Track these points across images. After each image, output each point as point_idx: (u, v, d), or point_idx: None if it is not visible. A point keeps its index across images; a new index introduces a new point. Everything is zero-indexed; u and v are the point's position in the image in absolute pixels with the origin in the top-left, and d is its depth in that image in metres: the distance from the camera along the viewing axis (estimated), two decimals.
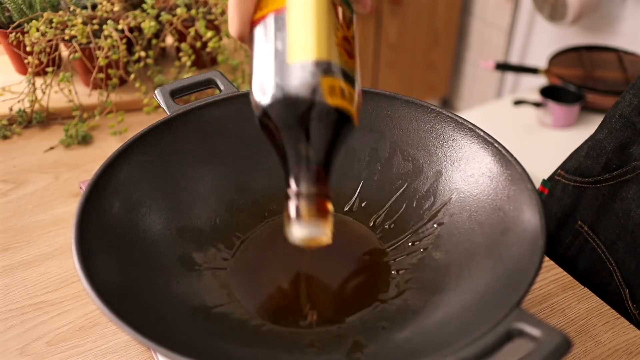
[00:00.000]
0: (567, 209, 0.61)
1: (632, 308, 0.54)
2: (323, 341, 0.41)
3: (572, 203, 0.60)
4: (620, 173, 0.54)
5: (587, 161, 0.58)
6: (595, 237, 0.57)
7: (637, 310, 0.53)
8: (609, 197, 0.55)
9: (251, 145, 0.51)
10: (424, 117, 0.48)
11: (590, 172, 0.58)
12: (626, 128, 0.54)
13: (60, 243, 0.56)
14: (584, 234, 0.59)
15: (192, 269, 0.45)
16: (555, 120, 1.39)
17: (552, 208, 0.63)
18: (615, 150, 0.55)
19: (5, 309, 0.50)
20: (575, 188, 0.60)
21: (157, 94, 0.49)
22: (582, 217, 0.59)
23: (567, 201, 0.61)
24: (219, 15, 0.77)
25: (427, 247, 0.46)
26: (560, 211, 0.62)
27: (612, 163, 0.55)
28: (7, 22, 0.75)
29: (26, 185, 0.64)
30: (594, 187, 0.57)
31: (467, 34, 2.10)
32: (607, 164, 0.56)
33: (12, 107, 0.72)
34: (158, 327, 0.37)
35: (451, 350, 0.31)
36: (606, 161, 0.56)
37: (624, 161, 0.54)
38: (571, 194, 0.60)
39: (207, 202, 0.49)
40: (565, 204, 0.61)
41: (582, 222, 0.59)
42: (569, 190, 0.61)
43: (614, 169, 0.55)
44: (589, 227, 0.58)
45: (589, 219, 0.58)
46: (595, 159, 0.57)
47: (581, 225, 0.59)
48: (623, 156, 0.54)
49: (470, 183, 0.45)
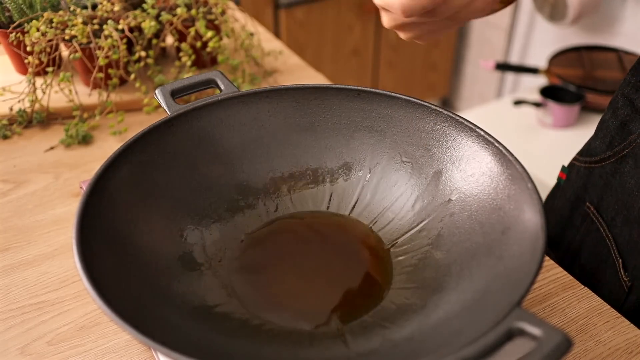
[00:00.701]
0: (578, 192, 0.63)
1: (623, 276, 0.55)
2: (323, 340, 0.41)
3: (583, 185, 0.62)
4: (620, 149, 0.56)
5: (595, 142, 0.60)
6: (599, 217, 0.59)
7: (627, 277, 0.55)
8: (611, 175, 0.57)
9: (251, 145, 0.51)
10: (424, 117, 0.48)
11: (597, 151, 0.60)
12: (626, 106, 0.56)
13: (60, 243, 0.56)
14: (590, 215, 0.61)
15: (193, 269, 0.45)
16: (555, 120, 1.39)
17: (567, 193, 0.65)
18: (617, 128, 0.56)
19: (5, 309, 0.50)
20: (586, 169, 0.62)
21: (158, 93, 0.49)
22: (590, 198, 0.61)
23: (579, 183, 0.63)
24: (219, 15, 0.77)
25: (427, 246, 0.46)
26: (573, 195, 0.64)
27: (615, 141, 0.57)
28: (7, 22, 0.75)
29: (26, 185, 0.64)
30: (600, 167, 0.59)
31: (467, 34, 2.10)
32: (611, 142, 0.57)
33: (13, 107, 0.72)
34: (159, 327, 0.37)
35: (452, 349, 0.31)
36: (610, 140, 0.58)
37: (624, 138, 0.56)
38: (582, 175, 0.62)
39: (207, 201, 0.49)
40: (578, 187, 0.63)
41: (589, 204, 0.61)
42: (581, 172, 0.62)
43: (615, 146, 0.57)
44: (595, 207, 0.60)
45: (595, 200, 0.60)
46: (602, 139, 0.59)
47: (589, 207, 0.61)
48: (623, 133, 0.56)
49: (470, 182, 0.45)
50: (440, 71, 2.15)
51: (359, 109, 0.51)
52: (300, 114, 0.51)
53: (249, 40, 0.83)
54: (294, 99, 0.51)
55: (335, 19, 1.81)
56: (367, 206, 0.50)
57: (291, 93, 0.51)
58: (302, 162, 0.52)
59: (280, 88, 0.50)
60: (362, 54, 1.94)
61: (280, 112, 0.51)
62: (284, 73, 0.87)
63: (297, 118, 0.51)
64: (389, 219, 0.49)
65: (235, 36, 0.82)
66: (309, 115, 0.51)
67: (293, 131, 0.52)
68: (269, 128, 0.51)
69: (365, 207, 0.50)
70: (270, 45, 0.93)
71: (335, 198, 0.51)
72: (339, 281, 0.46)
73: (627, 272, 0.55)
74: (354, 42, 1.90)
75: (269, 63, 0.89)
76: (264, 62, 0.88)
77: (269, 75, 0.85)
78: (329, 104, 0.51)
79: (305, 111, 0.51)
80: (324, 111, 0.51)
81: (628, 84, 0.56)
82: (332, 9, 1.78)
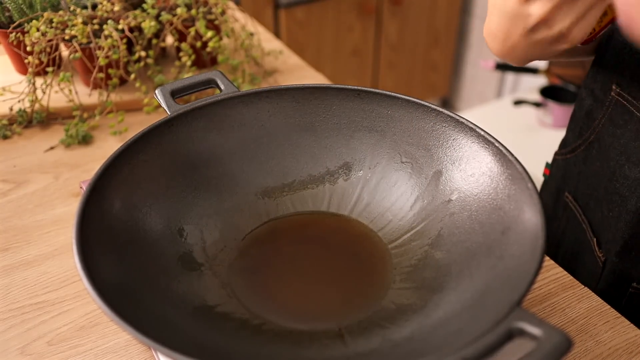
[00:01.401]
0: (558, 184, 0.67)
1: (598, 253, 0.59)
2: (323, 340, 0.41)
3: (562, 176, 0.66)
4: (587, 136, 0.59)
5: (568, 134, 0.64)
6: (576, 204, 0.63)
7: (601, 253, 0.58)
8: (582, 162, 0.61)
9: (251, 145, 0.51)
10: (424, 117, 0.48)
11: (570, 142, 0.63)
12: (589, 97, 0.59)
13: (60, 243, 0.56)
14: (569, 205, 0.64)
15: (193, 269, 0.45)
16: (555, 120, 1.39)
17: (550, 187, 0.69)
18: (583, 117, 0.60)
19: (5, 309, 0.50)
20: (563, 161, 0.65)
21: (158, 93, 0.49)
22: (568, 188, 0.64)
23: (559, 175, 0.66)
24: (219, 15, 0.77)
25: (427, 246, 0.46)
26: (555, 188, 0.68)
27: (583, 130, 0.60)
28: (7, 22, 0.75)
29: (26, 185, 0.64)
30: (574, 156, 0.63)
31: (467, 34, 2.10)
32: (580, 131, 0.61)
33: (13, 107, 0.72)
34: (159, 327, 0.37)
35: (452, 349, 0.31)
36: (579, 130, 0.61)
37: (589, 125, 0.59)
38: (561, 167, 0.66)
39: (208, 201, 0.49)
40: (558, 179, 0.67)
41: (567, 193, 0.64)
42: (560, 164, 0.66)
43: (583, 134, 0.60)
44: (572, 196, 0.63)
45: (572, 189, 0.63)
46: (572, 130, 0.63)
47: (567, 196, 0.64)
48: (589, 121, 0.59)
49: (470, 182, 0.45)
50: (440, 71, 2.15)
51: (359, 109, 0.51)
52: (300, 114, 0.51)
53: (249, 40, 0.83)
54: (294, 99, 0.51)
55: (335, 19, 1.81)
56: (367, 206, 0.50)
57: (291, 93, 0.51)
58: (302, 162, 0.52)
59: (280, 88, 0.50)
60: (362, 54, 1.94)
61: (280, 112, 0.51)
62: (284, 73, 0.87)
63: (297, 118, 0.51)
64: (388, 219, 0.49)
65: (235, 36, 0.82)
66: (309, 115, 0.51)
67: (293, 131, 0.52)
68: (269, 128, 0.51)
69: (365, 207, 0.50)
70: (270, 45, 0.93)
71: (335, 198, 0.51)
72: (339, 281, 0.46)
73: (600, 248, 0.58)
74: (354, 42, 1.90)
75: (269, 63, 0.89)
76: (264, 62, 0.88)
77: (269, 75, 0.85)
78: (329, 104, 0.51)
79: (305, 111, 0.51)
80: (324, 111, 0.51)
81: (588, 77, 0.60)
82: (332, 9, 1.78)
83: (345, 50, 1.90)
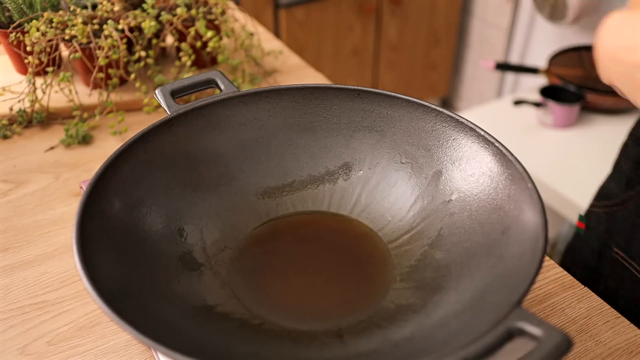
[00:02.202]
0: (602, 238, 0.61)
1: None
2: (323, 340, 0.41)
3: (606, 230, 0.60)
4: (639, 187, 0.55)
5: (610, 184, 0.60)
6: (632, 261, 0.57)
7: None
8: (636, 214, 0.56)
9: (251, 145, 0.51)
10: (424, 117, 0.48)
11: (616, 194, 0.59)
12: (636, 144, 0.56)
13: (60, 243, 0.56)
14: (620, 261, 0.59)
15: (193, 269, 0.45)
16: (555, 120, 1.39)
17: (591, 242, 0.63)
18: (632, 168, 0.57)
19: (5, 309, 0.50)
20: (606, 214, 0.60)
21: (158, 93, 0.49)
22: (617, 243, 0.59)
23: (601, 229, 0.61)
24: (219, 15, 0.77)
25: (427, 246, 0.46)
26: (597, 242, 0.62)
27: (632, 181, 0.57)
28: (7, 22, 0.75)
29: (26, 185, 0.64)
30: (622, 208, 0.58)
31: (467, 34, 2.10)
32: (628, 182, 0.57)
33: (13, 107, 0.72)
34: (159, 327, 0.37)
35: (452, 349, 0.31)
36: (627, 180, 0.57)
37: None
38: (603, 220, 0.61)
39: (208, 201, 0.49)
40: (600, 233, 0.61)
41: (617, 249, 0.59)
42: (601, 217, 0.61)
43: (634, 185, 0.56)
44: (624, 251, 0.58)
45: (622, 243, 0.58)
46: (617, 181, 0.59)
47: (617, 252, 0.59)
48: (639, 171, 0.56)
49: (470, 182, 0.45)
50: (440, 71, 2.15)
51: (359, 109, 0.51)
52: (300, 114, 0.51)
53: (249, 40, 0.83)
54: (294, 99, 0.51)
55: (335, 19, 1.81)
56: (367, 206, 0.50)
57: (291, 93, 0.51)
58: (302, 162, 0.52)
59: (280, 88, 0.50)
60: (362, 54, 1.94)
61: (280, 112, 0.51)
62: (284, 73, 0.87)
63: (297, 118, 0.51)
64: (388, 219, 0.49)
65: (235, 36, 0.82)
66: (309, 115, 0.51)
67: (293, 131, 0.52)
68: (269, 128, 0.51)
69: (365, 207, 0.50)
70: (270, 45, 0.93)
71: (335, 198, 0.51)
72: (339, 281, 0.46)
73: None
74: (354, 42, 1.90)
75: (269, 63, 0.89)
76: (264, 62, 0.88)
77: (269, 75, 0.85)
78: (329, 104, 0.51)
79: (305, 111, 0.51)
80: (324, 111, 0.51)
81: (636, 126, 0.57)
82: (332, 9, 1.78)
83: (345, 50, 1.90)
